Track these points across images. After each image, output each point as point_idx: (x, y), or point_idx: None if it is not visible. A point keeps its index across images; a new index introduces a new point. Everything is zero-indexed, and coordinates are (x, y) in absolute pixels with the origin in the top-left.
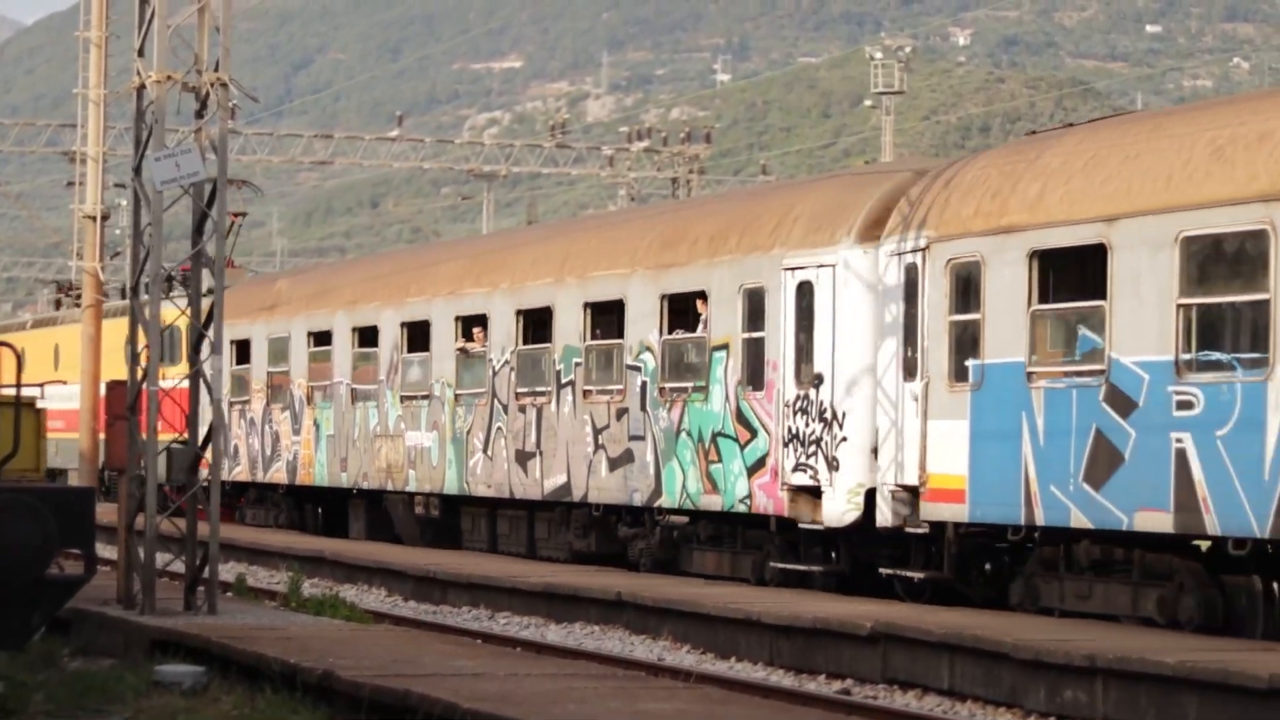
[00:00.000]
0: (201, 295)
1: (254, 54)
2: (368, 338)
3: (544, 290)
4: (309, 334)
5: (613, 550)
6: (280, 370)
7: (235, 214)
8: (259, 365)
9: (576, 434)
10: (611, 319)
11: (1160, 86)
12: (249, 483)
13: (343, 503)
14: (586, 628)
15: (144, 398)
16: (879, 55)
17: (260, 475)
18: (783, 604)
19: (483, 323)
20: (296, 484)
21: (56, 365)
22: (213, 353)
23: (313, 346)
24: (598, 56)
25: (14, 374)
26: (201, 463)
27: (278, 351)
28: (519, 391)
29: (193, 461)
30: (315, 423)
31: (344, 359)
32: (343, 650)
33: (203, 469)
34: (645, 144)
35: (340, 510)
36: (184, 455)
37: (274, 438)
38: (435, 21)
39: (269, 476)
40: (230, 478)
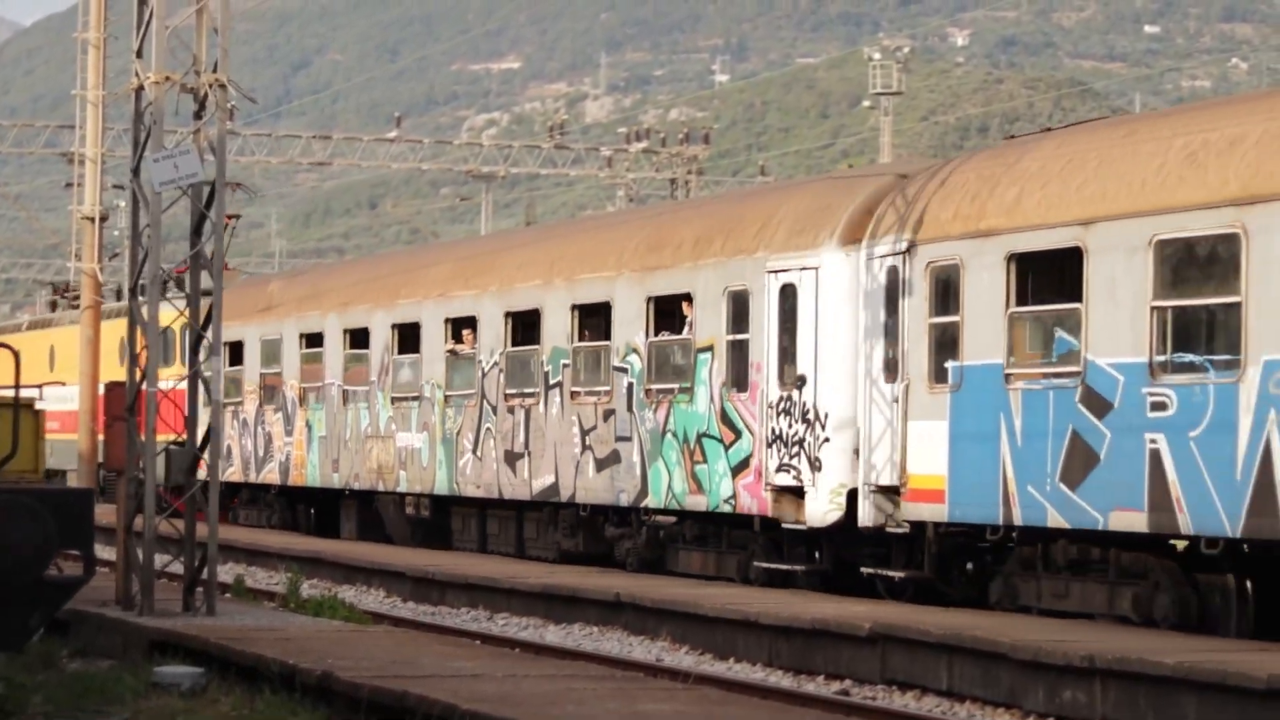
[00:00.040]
0: (200, 296)
1: (252, 55)
2: (359, 339)
3: (532, 292)
4: (301, 335)
5: (600, 550)
6: (273, 371)
7: (230, 216)
8: (252, 366)
9: (564, 435)
10: (599, 321)
11: (1158, 87)
12: (242, 483)
13: (335, 503)
14: (585, 629)
15: (142, 399)
16: (877, 56)
17: (253, 476)
18: (781, 605)
19: (472, 325)
20: (289, 484)
21: (52, 367)
22: (212, 354)
23: (305, 348)
24: (596, 57)
25: (13, 375)
26: (198, 463)
27: (270, 353)
28: (508, 393)
29: (191, 462)
30: (307, 424)
31: (336, 360)
32: (341, 651)
33: (199, 470)
34: (644, 145)
35: (332, 511)
36: (182, 456)
37: (267, 439)
38: (433, 22)
39: (262, 477)
40: (224, 478)
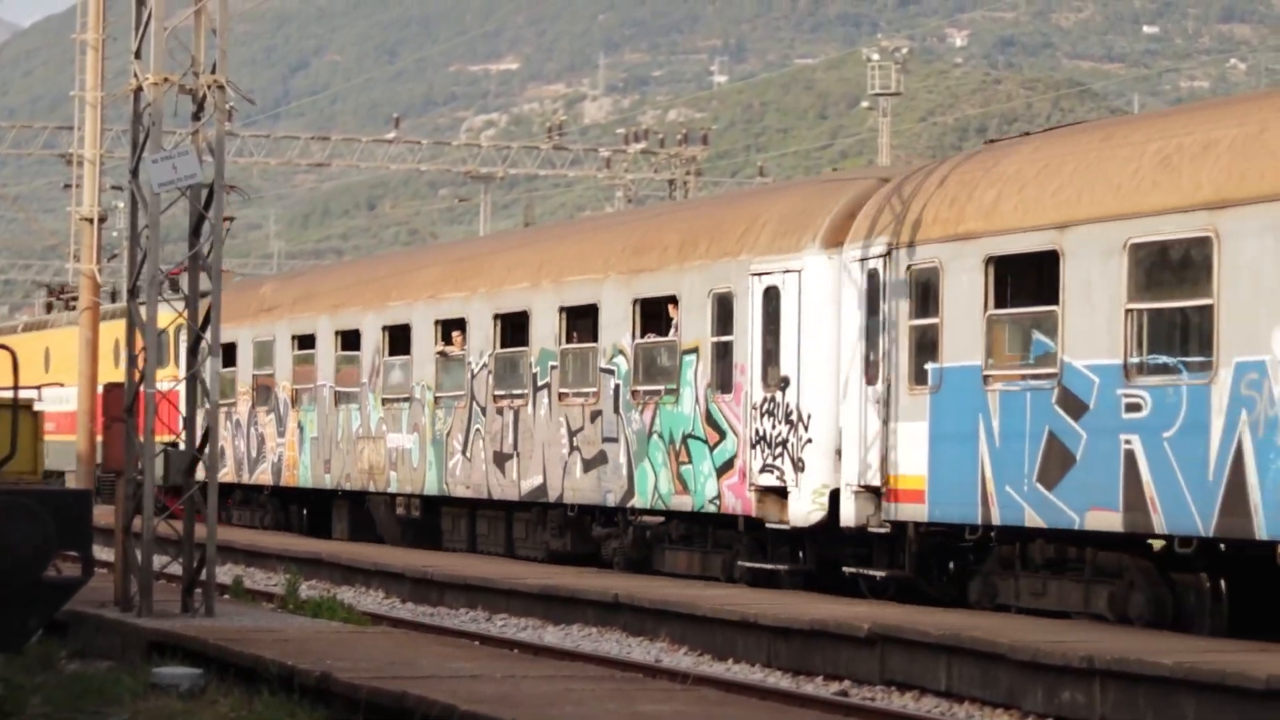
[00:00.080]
0: (198, 297)
1: (251, 56)
2: (350, 341)
3: (521, 295)
4: (293, 337)
5: (588, 550)
6: (265, 373)
7: (225, 218)
8: (245, 368)
9: (552, 436)
10: (586, 323)
11: (1157, 87)
12: (235, 484)
13: (327, 504)
14: (584, 629)
15: (141, 400)
16: (876, 56)
17: (246, 477)
18: (780, 606)
19: (462, 326)
20: (281, 485)
21: (47, 368)
22: (210, 355)
23: (297, 350)
24: (594, 58)
25: (11, 377)
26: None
27: (263, 355)
28: (497, 394)
29: (190, 463)
30: (299, 425)
31: (327, 362)
32: (340, 652)
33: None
34: (642, 145)
35: (325, 511)
36: (181, 457)
37: (259, 440)
38: (432, 23)
39: (255, 478)
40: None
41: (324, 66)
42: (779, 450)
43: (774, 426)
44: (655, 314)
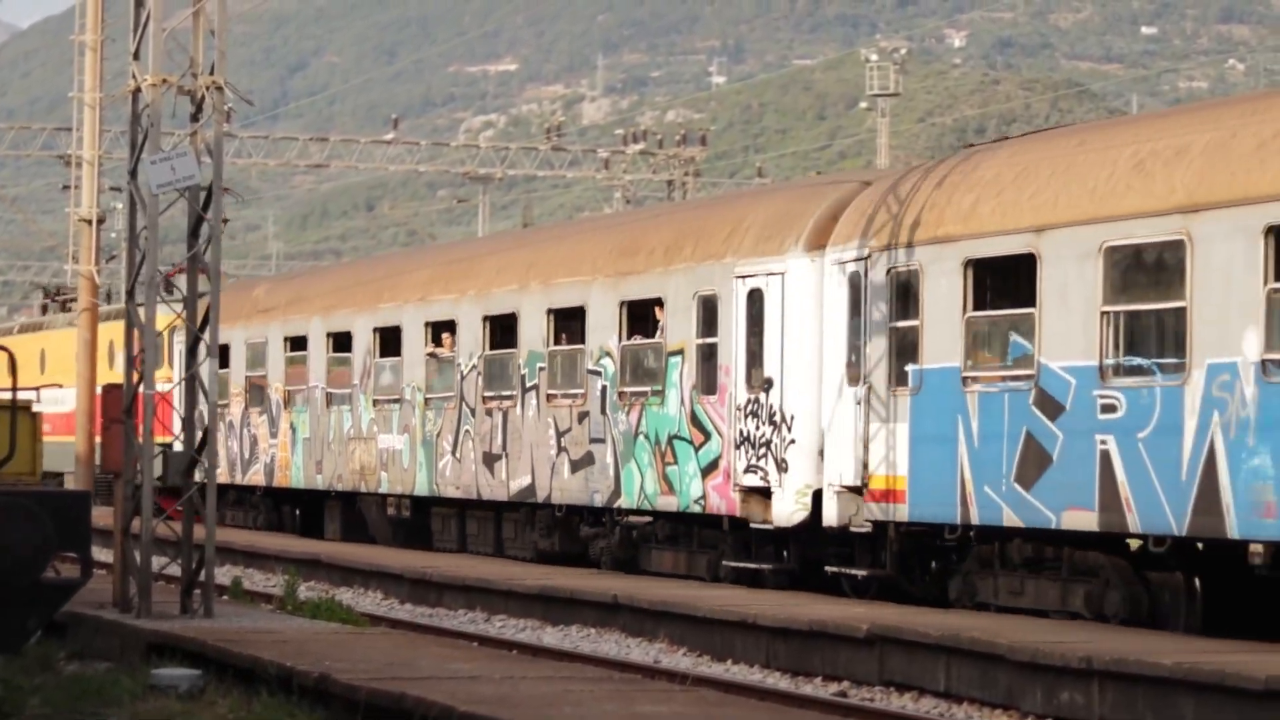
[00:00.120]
0: (196, 298)
1: (249, 57)
2: (342, 343)
3: (509, 297)
4: (286, 339)
5: (576, 550)
6: (258, 374)
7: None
8: (238, 369)
9: (540, 437)
10: (574, 325)
11: (1156, 88)
12: (228, 485)
13: (319, 504)
14: (583, 630)
15: (139, 401)
16: (874, 57)
17: (239, 478)
18: (779, 606)
19: (451, 328)
20: (274, 486)
21: (43, 369)
22: (208, 356)
23: (289, 351)
24: (593, 59)
25: (10, 378)
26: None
27: (256, 356)
28: (486, 395)
29: (189, 464)
30: (292, 426)
31: (319, 364)
32: (339, 653)
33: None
34: (641, 146)
35: (317, 512)
36: (180, 458)
37: (252, 440)
38: (430, 24)
39: (248, 479)
40: None
41: (322, 67)
42: (763, 451)
43: (758, 427)
44: (642, 316)
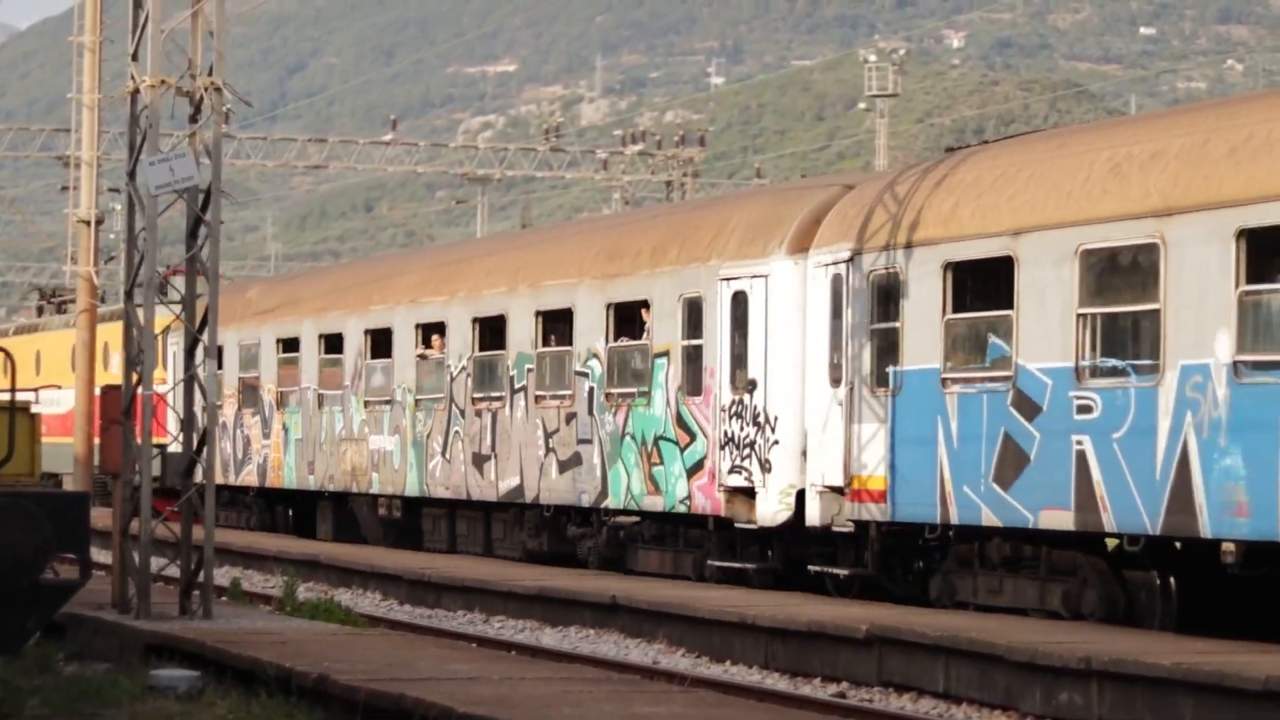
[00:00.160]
0: (194, 299)
1: (248, 58)
2: (334, 344)
3: (498, 299)
4: (278, 340)
5: (564, 550)
6: (251, 375)
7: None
8: (230, 371)
9: (529, 437)
10: (562, 327)
11: (1154, 89)
12: (222, 485)
13: (312, 504)
14: (581, 631)
15: (138, 402)
16: (873, 58)
17: (232, 478)
18: (778, 607)
19: (441, 330)
20: (267, 486)
21: (39, 371)
22: (207, 357)
23: (282, 353)
24: (592, 60)
25: (7, 379)
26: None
27: (248, 357)
28: (475, 397)
29: (188, 465)
30: (284, 427)
31: (311, 365)
32: (338, 654)
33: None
34: (639, 147)
35: (309, 512)
36: (179, 459)
37: (245, 441)
38: (429, 25)
39: (241, 479)
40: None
41: (321, 69)
42: (747, 452)
43: (742, 428)
44: (629, 318)
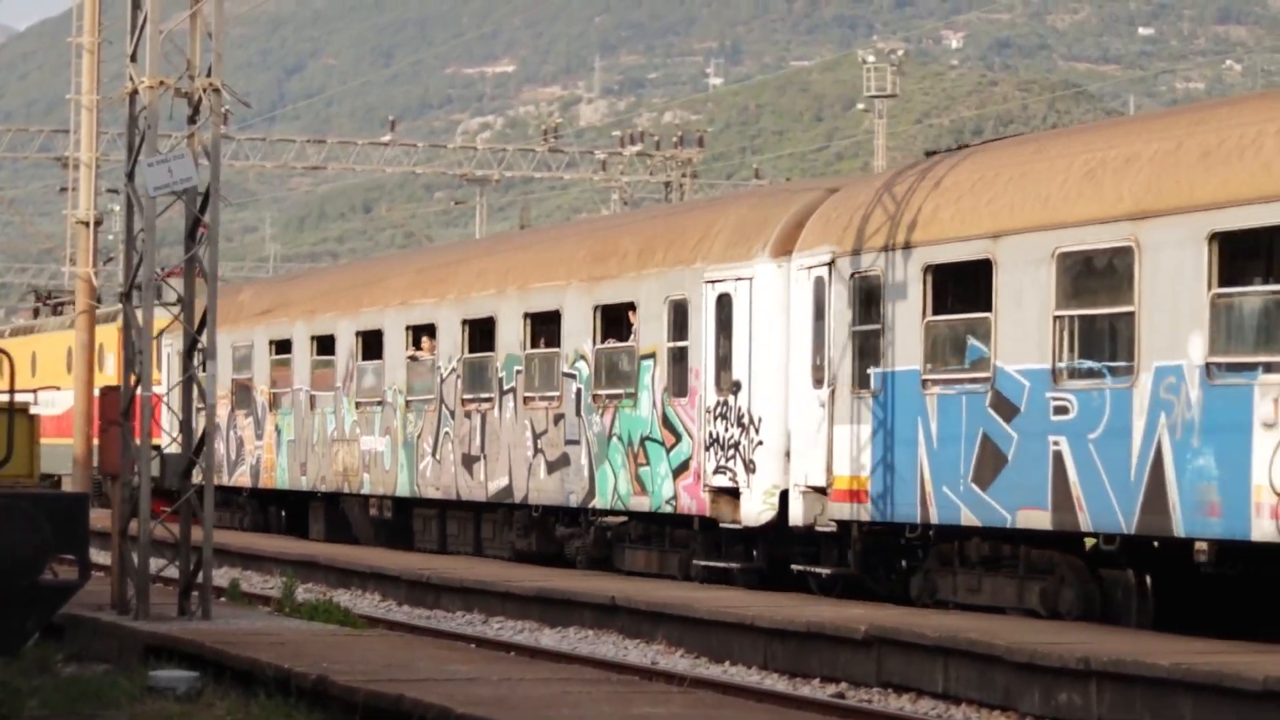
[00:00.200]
0: (193, 300)
1: (246, 59)
2: (325, 346)
3: (488, 301)
4: (271, 342)
5: (552, 550)
6: (244, 377)
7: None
8: (224, 372)
9: (517, 438)
10: (550, 329)
11: (1153, 89)
12: (215, 486)
13: (304, 505)
14: (580, 632)
15: (137, 403)
16: (871, 58)
17: (226, 479)
18: (777, 608)
19: (431, 332)
20: (260, 487)
21: (34, 372)
22: (207, 359)
23: (274, 354)
24: (590, 61)
25: (6, 380)
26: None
27: (241, 359)
28: (465, 398)
29: (187, 467)
30: (277, 428)
31: (303, 366)
32: (337, 655)
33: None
34: (638, 148)
35: (302, 513)
36: (178, 460)
37: (239, 442)
38: (428, 26)
39: (234, 480)
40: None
41: (319, 70)
42: (731, 452)
43: (727, 429)
44: (617, 320)
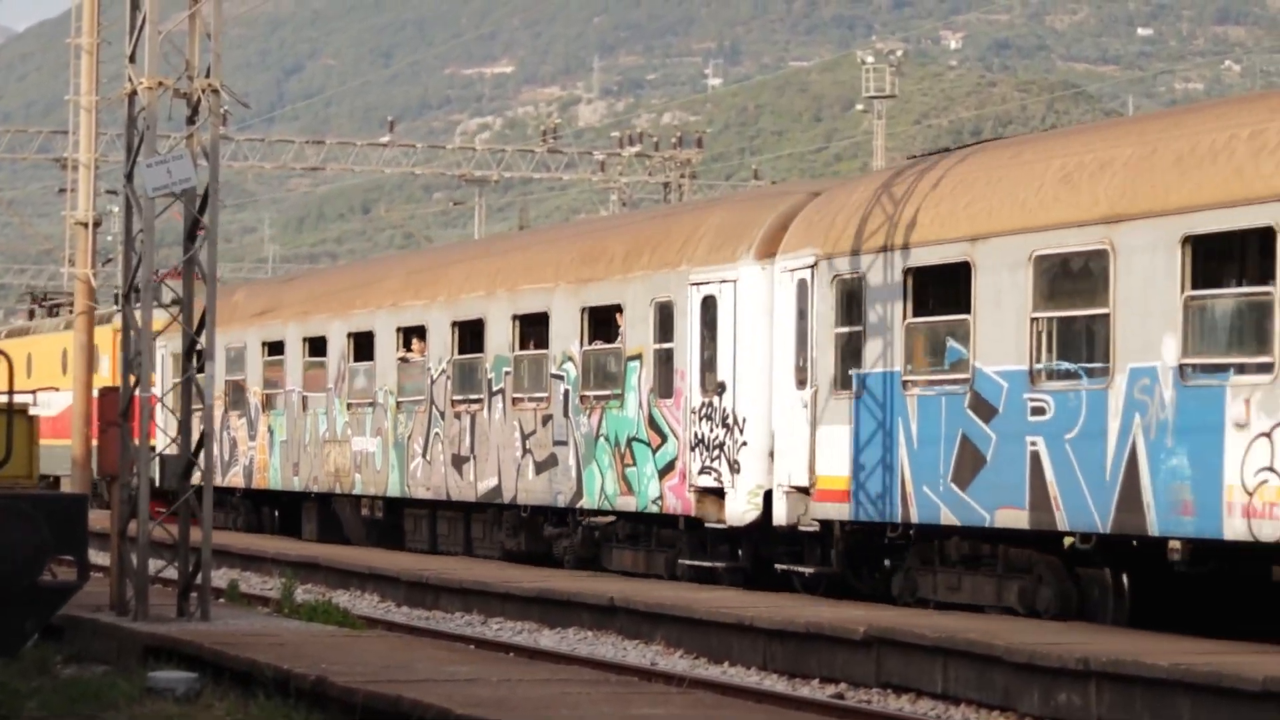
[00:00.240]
0: (191, 301)
1: (245, 60)
2: (317, 348)
3: (477, 303)
4: (263, 344)
5: (541, 549)
6: (237, 378)
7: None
8: (218, 373)
9: (506, 439)
10: (539, 330)
11: (1152, 89)
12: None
13: (297, 505)
14: (580, 633)
15: (136, 404)
16: (870, 59)
17: (220, 479)
18: (776, 608)
19: (422, 334)
20: (253, 487)
21: (30, 374)
22: (205, 359)
23: (267, 356)
24: (589, 61)
25: (5, 382)
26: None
27: (235, 360)
28: (455, 399)
29: (185, 468)
30: (269, 429)
31: (295, 368)
32: (336, 656)
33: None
34: (637, 149)
35: (295, 513)
36: (177, 462)
37: (232, 443)
38: (427, 27)
39: (228, 480)
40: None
41: (318, 70)
42: (716, 453)
43: (712, 430)
44: (605, 321)
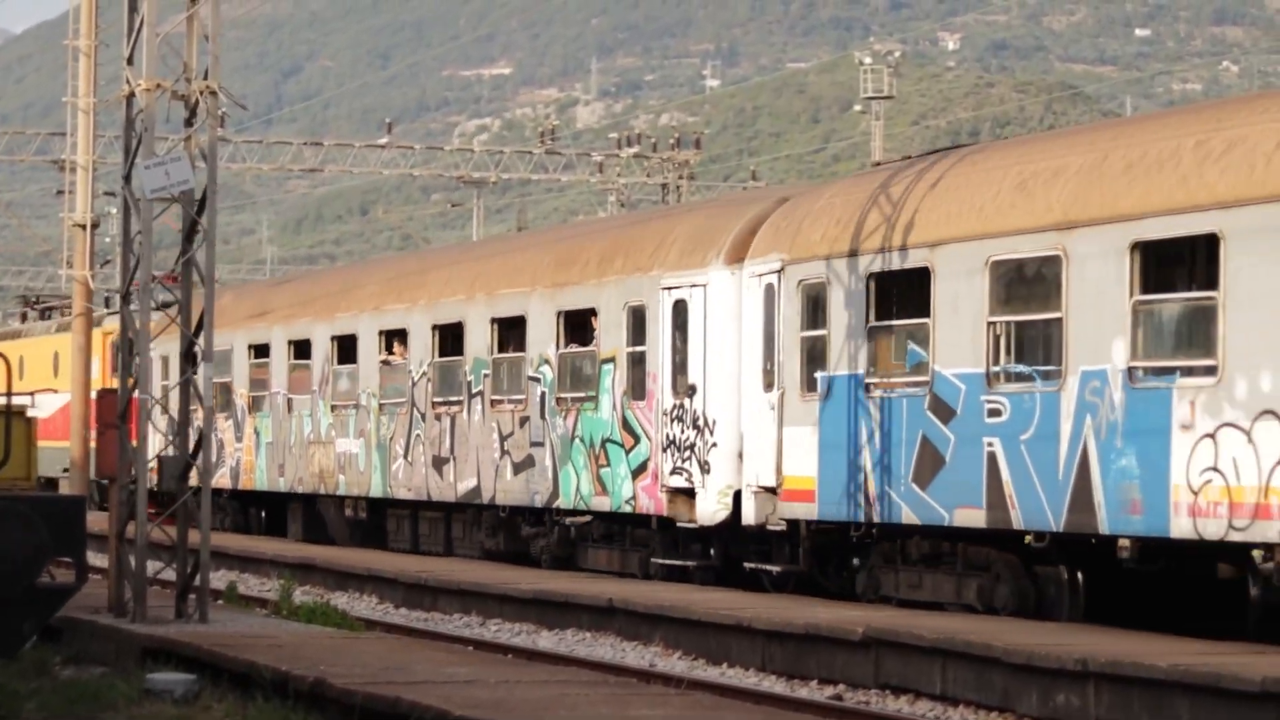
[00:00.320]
0: (190, 302)
1: (243, 62)
2: (302, 350)
3: (456, 307)
4: (250, 346)
5: (519, 549)
6: (224, 380)
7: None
8: None
9: (485, 440)
10: (517, 334)
11: (1150, 90)
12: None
13: (283, 506)
14: (578, 634)
15: (134, 406)
16: (868, 60)
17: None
18: (774, 609)
19: (403, 337)
20: (240, 488)
21: (21, 377)
22: (204, 361)
23: (253, 358)
24: (587, 63)
25: (4, 383)
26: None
27: (221, 363)
28: (435, 401)
29: (184, 469)
30: (256, 430)
31: (281, 370)
32: (334, 658)
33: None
34: (635, 150)
35: (280, 513)
36: (175, 463)
37: (219, 444)
38: (425, 28)
39: (215, 481)
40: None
41: (316, 72)
42: (687, 454)
43: (683, 431)
44: (581, 325)
